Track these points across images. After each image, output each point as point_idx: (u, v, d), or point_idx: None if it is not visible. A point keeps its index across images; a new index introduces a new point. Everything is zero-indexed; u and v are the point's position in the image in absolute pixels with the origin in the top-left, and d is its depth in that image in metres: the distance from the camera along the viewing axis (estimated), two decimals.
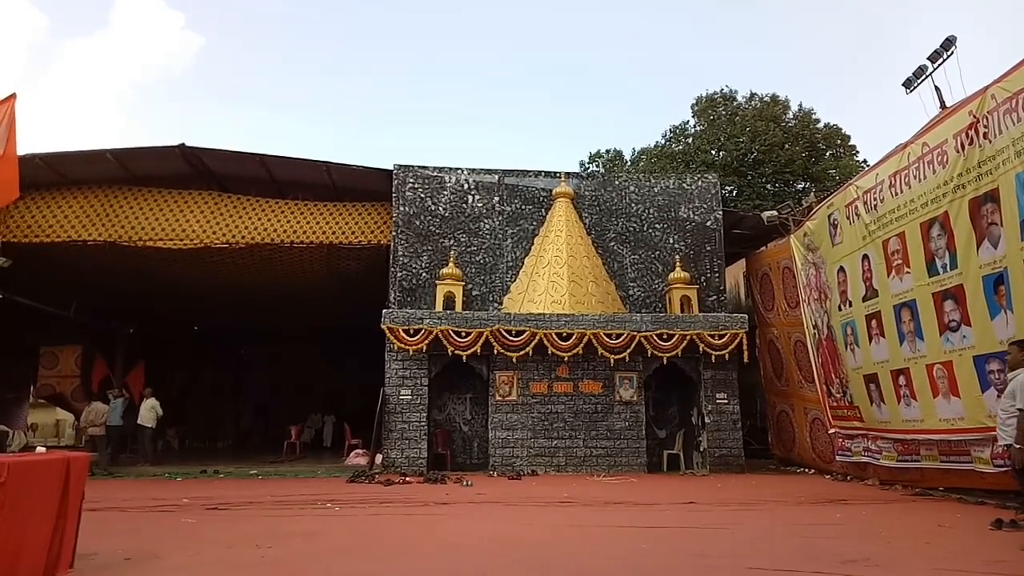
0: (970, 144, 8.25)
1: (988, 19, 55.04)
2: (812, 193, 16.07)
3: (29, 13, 69.22)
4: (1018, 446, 5.76)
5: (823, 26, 66.13)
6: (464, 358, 12.97)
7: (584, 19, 73.69)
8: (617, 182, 15.56)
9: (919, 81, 10.18)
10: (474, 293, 14.27)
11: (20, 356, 18.88)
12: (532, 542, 6.20)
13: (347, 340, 22.11)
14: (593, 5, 72.73)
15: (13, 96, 11.42)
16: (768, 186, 24.26)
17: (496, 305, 14.21)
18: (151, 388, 15.74)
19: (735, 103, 26.75)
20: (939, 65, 9.78)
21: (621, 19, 72.76)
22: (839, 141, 25.63)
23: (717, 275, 14.90)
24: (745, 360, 13.38)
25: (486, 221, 14.74)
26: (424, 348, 12.91)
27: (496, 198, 14.89)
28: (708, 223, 15.09)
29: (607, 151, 30.08)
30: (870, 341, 10.62)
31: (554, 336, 12.90)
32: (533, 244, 14.53)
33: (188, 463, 14.94)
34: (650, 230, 15.03)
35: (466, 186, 14.89)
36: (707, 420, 13.25)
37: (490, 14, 77.53)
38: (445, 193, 14.77)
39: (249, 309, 20.71)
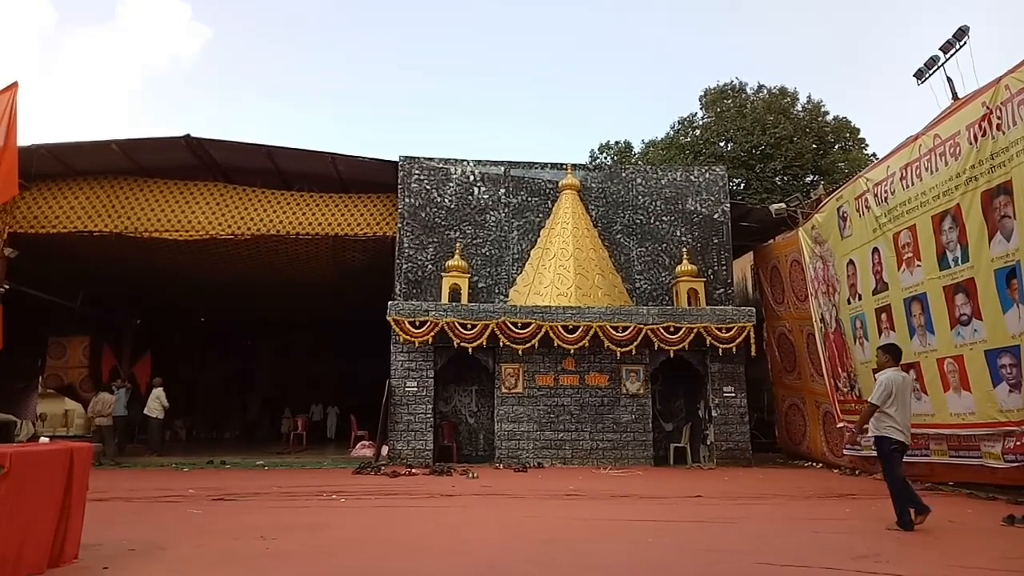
0: (983, 135, 8.14)
1: (1001, 9, 54.44)
2: (821, 186, 15.94)
3: (38, 4, 69.35)
4: (853, 428, 6.83)
5: (832, 18, 65.58)
6: (470, 350, 12.95)
7: (594, 12, 73.29)
8: (624, 174, 15.45)
9: (931, 72, 10.03)
10: (480, 285, 14.23)
11: (28, 346, 18.95)
12: (538, 535, 6.17)
13: (353, 332, 22.12)
14: None
15: (15, 85, 10.81)
16: (776, 179, 24.06)
17: (502, 297, 14.16)
18: (160, 378, 15.74)
19: (744, 95, 26.52)
20: (951, 56, 9.62)
21: (631, 11, 72.33)
22: (848, 134, 25.38)
23: (724, 268, 14.79)
24: (752, 353, 13.32)
25: (492, 213, 14.67)
26: (430, 340, 12.89)
27: (502, 190, 14.82)
28: (716, 215, 14.98)
29: (617, 143, 29.89)
30: (880, 335, 10.52)
31: (560, 329, 12.85)
32: (539, 236, 14.45)
33: (195, 454, 15.01)
34: (657, 222, 14.93)
35: (472, 178, 14.82)
36: (714, 413, 13.20)
37: (500, 7, 77.20)
38: (451, 185, 14.70)
39: (255, 300, 20.75)
